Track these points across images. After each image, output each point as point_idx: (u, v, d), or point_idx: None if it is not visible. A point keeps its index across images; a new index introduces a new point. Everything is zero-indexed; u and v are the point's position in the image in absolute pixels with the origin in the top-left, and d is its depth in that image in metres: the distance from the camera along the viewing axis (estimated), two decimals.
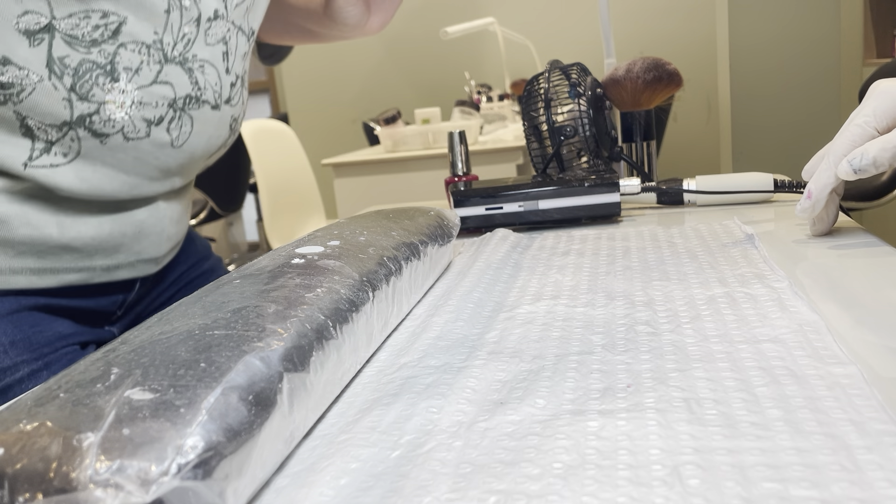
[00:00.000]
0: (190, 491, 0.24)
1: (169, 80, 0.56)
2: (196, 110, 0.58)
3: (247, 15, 0.62)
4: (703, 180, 0.75)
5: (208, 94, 0.59)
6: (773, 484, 0.26)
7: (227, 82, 0.61)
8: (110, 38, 0.52)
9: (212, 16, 0.57)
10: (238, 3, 0.60)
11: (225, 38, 0.59)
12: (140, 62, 0.54)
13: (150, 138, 0.56)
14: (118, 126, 0.54)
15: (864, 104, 0.52)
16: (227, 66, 0.60)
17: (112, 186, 0.57)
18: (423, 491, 0.28)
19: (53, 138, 0.53)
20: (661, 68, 0.84)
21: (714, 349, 0.38)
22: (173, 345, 0.30)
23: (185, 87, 0.57)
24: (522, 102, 0.89)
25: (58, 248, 0.56)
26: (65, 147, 0.53)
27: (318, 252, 0.44)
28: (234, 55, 0.61)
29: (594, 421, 0.31)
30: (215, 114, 0.60)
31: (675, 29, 3.20)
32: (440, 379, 0.37)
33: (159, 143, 0.57)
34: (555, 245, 0.65)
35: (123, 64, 0.53)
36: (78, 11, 0.51)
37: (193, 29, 0.56)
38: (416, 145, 2.14)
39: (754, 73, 1.92)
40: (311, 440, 0.34)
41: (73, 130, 0.53)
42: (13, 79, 0.50)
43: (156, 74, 0.55)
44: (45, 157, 0.53)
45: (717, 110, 2.73)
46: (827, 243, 0.56)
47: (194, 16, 0.56)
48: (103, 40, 0.52)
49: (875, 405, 0.30)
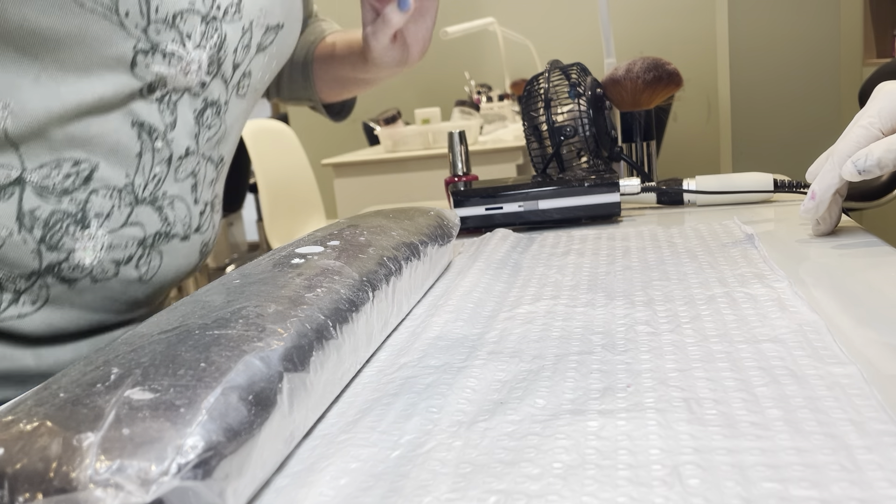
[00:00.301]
0: (190, 491, 0.24)
1: (139, 220, 0.54)
2: (165, 244, 0.57)
3: (217, 146, 0.60)
4: (703, 180, 0.75)
5: (177, 227, 0.57)
6: (773, 484, 0.26)
7: (196, 212, 0.59)
8: (81, 185, 0.51)
9: (183, 154, 0.56)
10: (210, 137, 0.58)
11: (194, 171, 0.58)
12: (111, 207, 0.52)
13: (118, 277, 0.54)
14: (87, 270, 0.52)
15: (868, 105, 0.52)
16: (195, 197, 0.59)
17: (80, 324, 0.55)
18: (423, 491, 0.28)
19: (22, 288, 0.51)
20: (661, 68, 0.84)
21: (714, 349, 0.38)
22: (173, 345, 0.30)
23: (154, 226, 0.55)
24: (522, 102, 0.89)
25: (37, 375, 0.55)
26: (33, 295, 0.52)
27: (318, 252, 0.44)
28: (203, 184, 0.59)
29: (594, 421, 0.31)
30: (185, 244, 0.59)
31: (675, 29, 3.20)
32: (440, 379, 0.37)
33: (128, 280, 0.55)
34: (555, 245, 0.65)
35: (94, 210, 0.51)
36: (49, 161, 0.49)
37: (164, 168, 0.55)
38: (416, 145, 2.14)
39: (754, 73, 1.92)
40: (311, 440, 0.34)
41: (42, 279, 0.51)
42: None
43: (126, 217, 0.53)
44: (14, 307, 0.51)
45: (717, 110, 2.73)
46: (827, 243, 0.56)
47: (166, 156, 0.55)
48: (74, 188, 0.50)
49: (875, 405, 0.30)
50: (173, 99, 0.54)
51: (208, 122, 0.57)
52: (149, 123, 0.53)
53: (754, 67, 1.92)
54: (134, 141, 0.52)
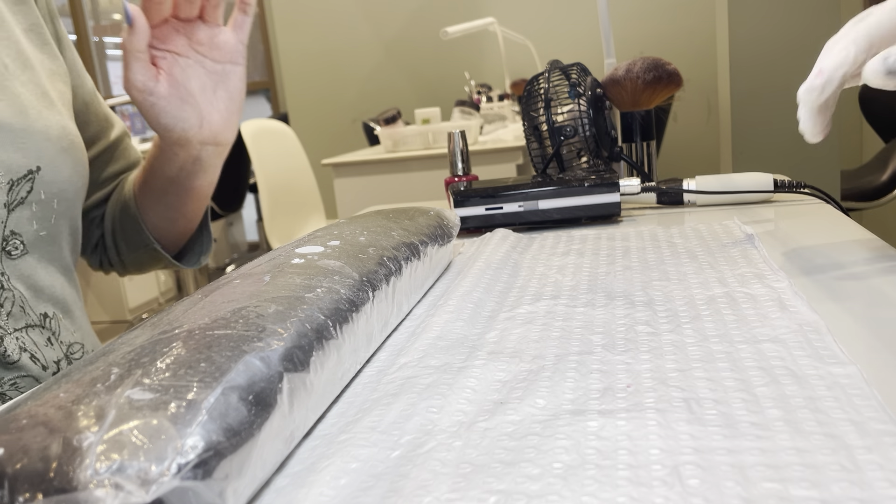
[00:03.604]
0: (190, 491, 0.24)
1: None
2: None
3: (25, 310, 0.58)
4: (703, 180, 0.75)
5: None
6: (773, 484, 0.26)
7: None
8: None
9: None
10: (10, 311, 0.56)
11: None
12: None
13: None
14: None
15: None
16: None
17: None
18: (423, 491, 0.28)
19: None
20: (661, 68, 0.84)
21: (714, 349, 0.38)
22: (173, 345, 0.30)
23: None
24: (522, 102, 0.89)
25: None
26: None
27: (318, 252, 0.44)
28: (24, 351, 0.57)
29: (594, 421, 0.31)
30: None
31: (675, 29, 3.20)
32: (440, 379, 0.37)
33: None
34: (555, 245, 0.65)
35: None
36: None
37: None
38: (416, 145, 2.14)
39: (754, 73, 1.92)
40: (311, 440, 0.34)
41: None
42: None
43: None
44: None
45: (717, 110, 2.73)
46: (827, 243, 0.56)
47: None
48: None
49: (875, 405, 0.30)
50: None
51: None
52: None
53: (754, 67, 1.92)
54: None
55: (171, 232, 0.72)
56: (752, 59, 1.95)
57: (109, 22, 4.57)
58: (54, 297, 0.61)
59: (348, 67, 3.67)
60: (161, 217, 0.71)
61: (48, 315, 0.60)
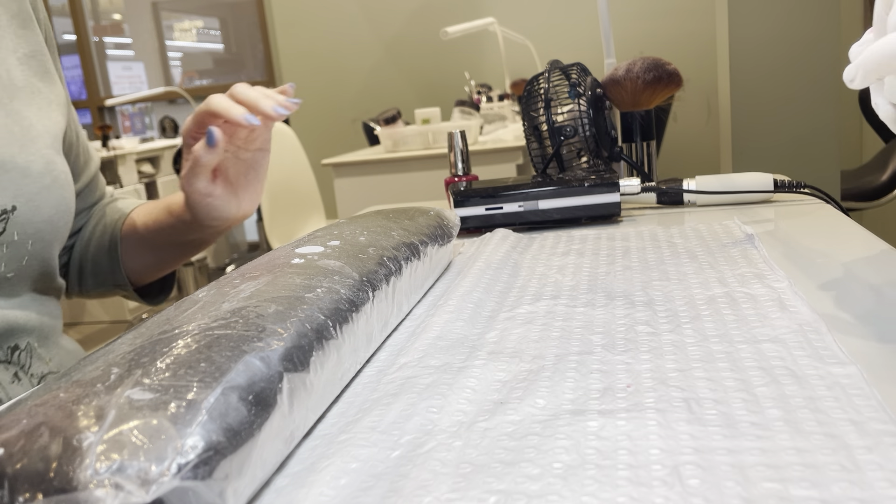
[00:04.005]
0: (190, 491, 0.24)
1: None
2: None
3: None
4: (703, 180, 0.75)
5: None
6: (773, 484, 0.26)
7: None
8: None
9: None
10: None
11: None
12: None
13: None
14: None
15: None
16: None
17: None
18: (423, 491, 0.28)
19: None
20: (661, 68, 0.84)
21: (714, 349, 0.38)
22: (173, 345, 0.30)
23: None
24: (522, 102, 0.89)
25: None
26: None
27: (318, 252, 0.44)
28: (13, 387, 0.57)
29: (594, 421, 0.31)
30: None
31: (675, 29, 3.20)
32: (440, 379, 0.37)
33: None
34: (555, 245, 0.65)
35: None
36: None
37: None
38: (416, 145, 2.14)
39: (754, 73, 1.92)
40: (311, 440, 0.34)
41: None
42: None
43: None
44: None
45: (717, 110, 2.73)
46: (827, 243, 0.56)
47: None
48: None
49: (875, 405, 0.30)
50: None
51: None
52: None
53: (754, 67, 1.92)
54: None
55: (149, 277, 0.75)
56: (752, 59, 1.95)
57: (109, 22, 4.57)
58: (28, 328, 0.60)
59: (348, 67, 3.67)
60: (147, 265, 0.73)
61: (19, 347, 0.59)
